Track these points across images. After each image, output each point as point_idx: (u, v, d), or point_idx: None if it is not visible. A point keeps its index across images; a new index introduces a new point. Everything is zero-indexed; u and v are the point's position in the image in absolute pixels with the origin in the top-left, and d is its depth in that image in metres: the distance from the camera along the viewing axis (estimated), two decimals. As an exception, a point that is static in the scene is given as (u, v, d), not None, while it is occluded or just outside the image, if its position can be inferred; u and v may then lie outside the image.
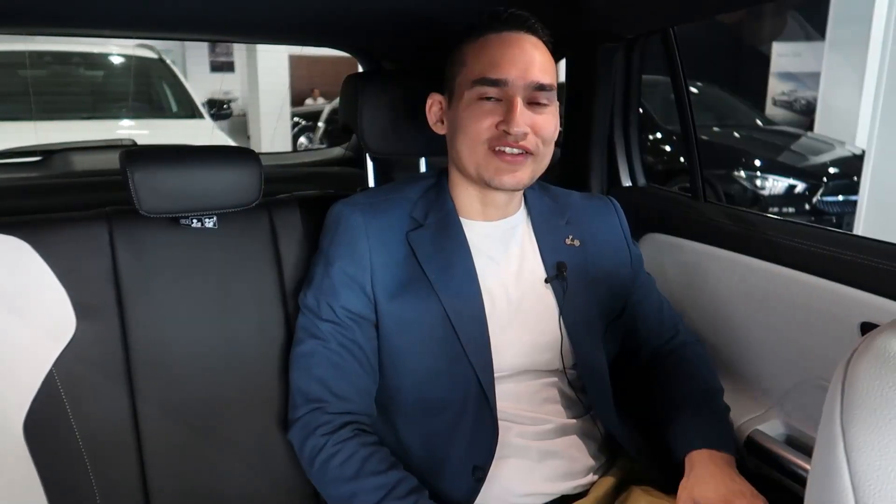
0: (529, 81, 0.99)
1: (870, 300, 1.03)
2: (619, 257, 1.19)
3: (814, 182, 5.16)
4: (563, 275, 1.08)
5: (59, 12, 1.23)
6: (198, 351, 1.13)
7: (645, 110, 5.62)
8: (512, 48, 1.00)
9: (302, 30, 1.60)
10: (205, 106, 4.56)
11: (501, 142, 0.99)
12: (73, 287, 1.05)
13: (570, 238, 1.13)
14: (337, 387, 1.03)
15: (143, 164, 1.06)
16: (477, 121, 1.00)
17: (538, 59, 1.01)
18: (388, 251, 1.05)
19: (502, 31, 1.02)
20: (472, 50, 1.03)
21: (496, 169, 1.01)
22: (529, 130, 1.00)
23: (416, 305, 1.03)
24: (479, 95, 1.00)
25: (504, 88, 0.99)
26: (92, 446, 1.06)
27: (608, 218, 1.21)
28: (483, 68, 1.00)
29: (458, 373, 1.02)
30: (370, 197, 1.11)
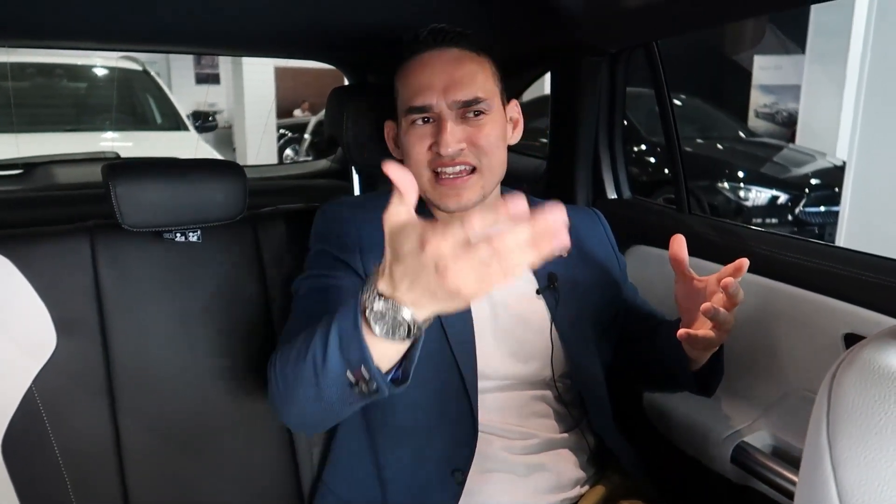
0: (452, 101, 1.00)
1: (853, 311, 1.04)
2: (607, 267, 1.19)
3: (796, 193, 5.22)
4: (555, 286, 1.08)
5: (43, 25, 1.22)
6: (180, 366, 1.11)
7: (629, 122, 5.67)
8: (430, 70, 1.01)
9: (288, 43, 1.60)
10: (189, 118, 4.54)
11: (437, 163, 1.00)
12: (54, 302, 1.04)
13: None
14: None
15: (126, 177, 1.05)
16: (414, 146, 1.02)
17: (458, 75, 1.00)
18: (375, 242, 0.98)
19: (423, 53, 1.02)
20: (400, 77, 1.05)
21: (441, 194, 1.02)
22: (465, 145, 1.00)
23: None
24: (412, 121, 1.02)
25: (431, 112, 1.00)
26: (72, 463, 1.04)
27: (594, 229, 1.22)
28: (409, 96, 1.02)
29: (442, 372, 1.01)
30: (356, 199, 1.14)
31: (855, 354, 0.51)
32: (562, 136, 1.62)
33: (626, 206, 1.59)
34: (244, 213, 1.14)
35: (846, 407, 0.47)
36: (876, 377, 0.47)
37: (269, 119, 8.76)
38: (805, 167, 5.57)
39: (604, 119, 1.57)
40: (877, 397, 0.46)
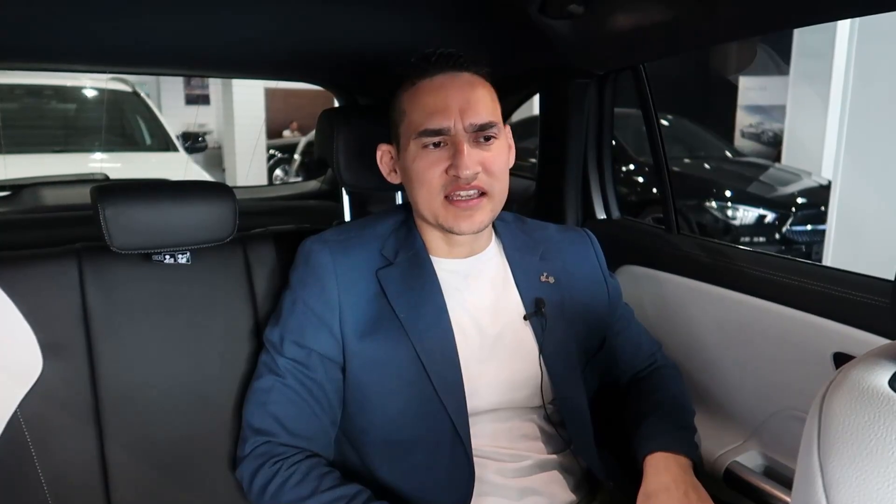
0: (469, 124, 0.99)
1: (842, 331, 1.05)
2: (595, 292, 1.18)
3: (783, 212, 5.26)
4: (542, 311, 1.07)
5: (32, 47, 1.22)
6: (169, 390, 1.10)
7: (618, 142, 5.71)
8: (446, 93, 1.00)
9: (278, 65, 1.61)
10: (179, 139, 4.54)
11: (454, 187, 0.99)
12: (40, 326, 1.03)
13: (545, 275, 1.12)
14: (291, 424, 1.01)
15: (115, 199, 1.04)
16: (427, 170, 1.00)
17: (474, 99, 1.00)
18: (357, 290, 1.03)
19: (435, 76, 1.02)
20: (409, 99, 1.03)
21: (454, 216, 1.01)
22: (480, 169, 1.00)
23: (386, 345, 1.02)
24: (423, 145, 1.00)
25: (447, 135, 0.99)
26: (57, 490, 1.02)
27: (584, 251, 1.21)
28: (422, 119, 1.00)
29: (430, 412, 1.00)
30: (340, 234, 1.10)
31: (844, 375, 0.51)
32: (551, 157, 1.63)
33: (616, 227, 1.60)
34: (234, 235, 1.13)
35: (837, 428, 0.47)
36: (866, 398, 0.47)
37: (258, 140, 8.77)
38: (791, 186, 5.63)
39: (592, 139, 1.59)
40: (867, 418, 0.46)
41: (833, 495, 0.44)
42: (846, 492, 0.44)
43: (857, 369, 0.51)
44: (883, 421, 0.45)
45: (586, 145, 1.58)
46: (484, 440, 1.03)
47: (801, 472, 0.48)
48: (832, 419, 0.47)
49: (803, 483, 0.47)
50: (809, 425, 0.49)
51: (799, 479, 0.48)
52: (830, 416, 0.48)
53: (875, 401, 0.47)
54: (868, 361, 0.52)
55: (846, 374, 0.51)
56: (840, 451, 0.45)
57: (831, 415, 0.48)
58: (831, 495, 0.44)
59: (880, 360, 0.52)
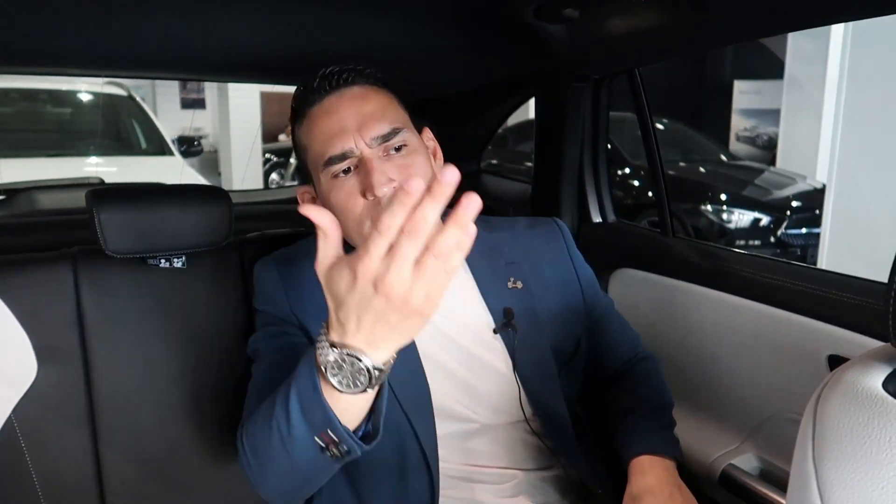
0: (372, 137, 0.92)
1: (836, 333, 1.05)
2: (568, 291, 1.12)
3: (778, 215, 5.28)
4: (512, 323, 1.01)
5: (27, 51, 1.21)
6: (163, 394, 1.10)
7: (613, 146, 5.72)
8: (337, 114, 0.93)
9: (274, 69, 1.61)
10: (175, 143, 4.54)
11: (378, 211, 0.90)
12: (35, 330, 1.02)
13: (512, 281, 1.06)
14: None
15: (110, 203, 1.04)
16: (346, 202, 0.92)
17: (369, 111, 0.93)
18: (312, 300, 0.97)
19: (322, 100, 0.95)
20: (305, 132, 0.97)
21: None
22: (397, 180, 0.90)
23: None
24: (333, 175, 0.93)
25: (353, 157, 0.92)
26: (51, 494, 1.02)
27: (554, 244, 1.14)
28: (322, 147, 0.93)
29: (394, 424, 0.95)
30: (290, 250, 1.06)
31: (839, 377, 0.51)
32: (546, 160, 1.64)
33: (611, 230, 1.60)
34: (230, 239, 1.13)
35: (831, 429, 0.47)
36: (860, 399, 0.48)
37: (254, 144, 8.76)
38: (786, 190, 5.65)
39: (588, 143, 1.59)
40: (861, 419, 0.46)
41: (828, 496, 0.45)
42: (841, 493, 0.44)
43: (851, 371, 0.51)
44: (877, 423, 0.45)
45: (582, 149, 1.59)
46: (468, 461, 1.00)
47: (795, 473, 0.48)
48: (827, 421, 0.48)
49: (798, 484, 0.47)
50: (804, 427, 0.49)
51: (794, 480, 0.48)
52: (825, 418, 0.48)
53: (869, 403, 0.47)
54: (862, 364, 0.52)
55: (840, 377, 0.51)
56: (834, 453, 0.46)
57: (826, 417, 0.48)
58: (826, 496, 0.45)
59: (874, 363, 0.52)
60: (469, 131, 1.99)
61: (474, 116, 1.91)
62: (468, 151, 2.05)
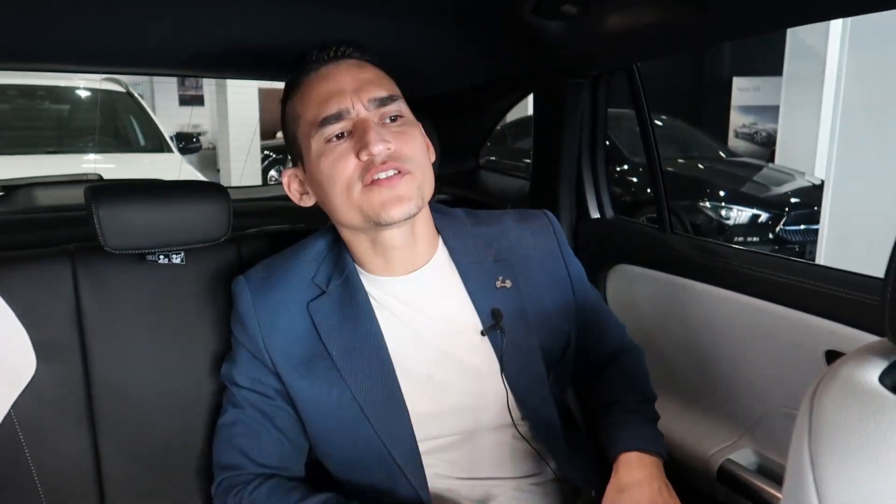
0: (369, 99, 0.90)
1: (834, 328, 1.05)
2: (558, 287, 1.08)
3: (776, 212, 5.28)
4: (500, 325, 0.98)
5: (25, 48, 1.21)
6: (163, 390, 1.10)
7: (612, 143, 5.73)
8: (335, 78, 0.92)
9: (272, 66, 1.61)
10: (173, 139, 4.53)
11: (372, 170, 0.87)
12: (34, 327, 1.02)
13: (501, 280, 1.02)
14: (255, 453, 0.98)
15: (109, 199, 1.04)
16: (337, 164, 0.89)
17: (366, 77, 0.92)
18: (284, 329, 0.98)
19: (320, 68, 0.94)
20: (298, 100, 0.95)
21: (380, 203, 0.88)
22: (393, 147, 0.89)
23: (321, 388, 0.96)
24: (326, 139, 0.90)
25: (348, 119, 0.90)
26: (51, 490, 1.02)
27: (544, 237, 1.10)
28: (316, 110, 0.91)
29: (375, 457, 0.96)
30: (267, 268, 1.03)
31: (835, 371, 0.51)
32: (545, 157, 1.64)
33: (609, 226, 1.60)
34: (228, 235, 1.13)
35: (827, 424, 0.47)
36: (856, 394, 0.48)
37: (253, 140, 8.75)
38: (785, 186, 5.65)
39: (586, 140, 1.59)
40: (857, 414, 0.46)
41: (824, 490, 0.45)
42: (837, 486, 0.44)
43: (848, 366, 0.51)
44: (873, 416, 0.45)
45: (580, 145, 1.59)
46: (455, 470, 1.00)
47: (792, 466, 0.48)
48: (823, 414, 0.48)
49: (794, 477, 0.47)
50: (800, 421, 0.49)
51: (790, 474, 0.49)
52: (821, 412, 0.48)
53: (865, 396, 0.47)
54: (858, 358, 0.52)
55: (837, 371, 0.51)
56: (831, 446, 0.46)
57: (822, 410, 0.48)
58: (822, 489, 0.45)
59: (870, 357, 0.52)
60: (468, 128, 1.99)
61: (473, 113, 1.91)
62: (467, 148, 2.06)
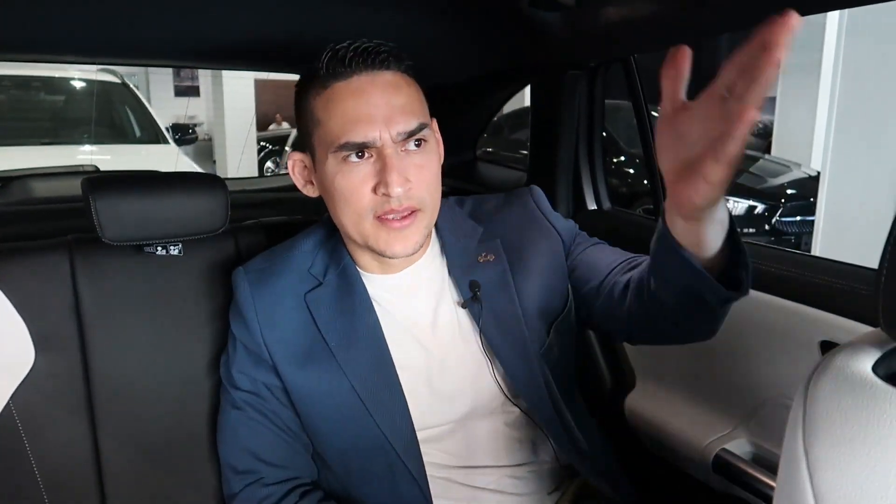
0: (396, 133, 0.87)
1: (828, 319, 1.06)
2: (548, 247, 1.06)
3: (772, 203, 5.30)
4: (477, 295, 0.98)
5: (21, 39, 1.21)
6: (161, 381, 1.10)
7: (609, 134, 5.72)
8: (367, 99, 0.87)
9: (267, 56, 1.60)
10: (169, 131, 4.52)
11: (385, 209, 0.88)
12: (32, 318, 1.03)
13: (484, 255, 1.02)
14: (267, 455, 0.98)
15: (106, 191, 1.04)
16: (353, 190, 0.89)
17: (399, 104, 0.88)
18: (282, 322, 0.98)
19: (350, 78, 0.88)
20: (323, 105, 0.89)
21: (386, 241, 0.90)
22: (412, 183, 0.89)
23: (320, 379, 0.96)
24: (344, 158, 0.88)
25: (372, 147, 0.88)
26: (50, 481, 1.03)
27: (525, 210, 1.09)
28: (341, 129, 0.87)
29: (376, 446, 0.96)
30: (266, 260, 1.03)
31: (829, 361, 0.52)
32: (542, 148, 1.64)
33: (606, 217, 1.61)
34: (225, 227, 1.13)
35: (821, 413, 0.48)
36: (850, 383, 0.48)
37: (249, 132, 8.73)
38: (781, 178, 5.66)
39: (583, 131, 1.59)
40: (851, 403, 0.47)
41: (817, 478, 0.45)
42: (830, 474, 0.45)
43: (842, 355, 0.52)
44: (866, 405, 0.46)
45: (577, 137, 1.59)
46: (451, 459, 1.01)
47: (786, 455, 0.49)
48: (817, 403, 0.49)
49: (788, 465, 0.48)
50: (795, 410, 0.50)
51: (784, 462, 0.49)
52: (815, 401, 0.49)
53: (858, 386, 0.48)
54: (852, 348, 0.53)
55: (831, 360, 0.52)
56: (824, 435, 0.46)
57: (816, 399, 0.49)
58: (815, 477, 0.46)
59: (864, 347, 0.53)
60: (465, 120, 1.99)
61: (470, 105, 1.91)
62: (464, 140, 2.06)
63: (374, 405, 0.95)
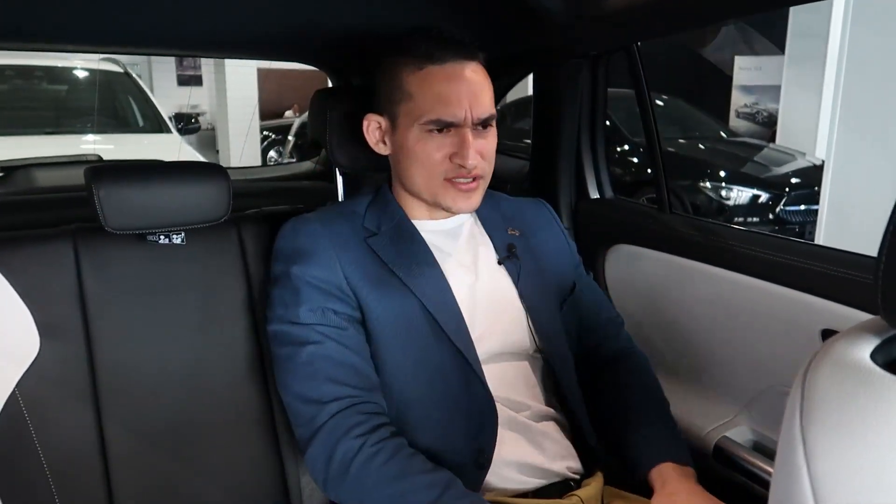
0: (477, 118, 1.03)
1: (830, 308, 1.06)
2: (559, 245, 1.24)
3: (776, 192, 5.28)
4: (515, 254, 1.13)
5: (23, 27, 1.21)
6: (165, 369, 1.11)
7: (613, 123, 5.71)
8: (458, 84, 1.02)
9: (271, 45, 1.60)
10: (172, 120, 4.51)
11: (457, 174, 1.05)
12: (37, 306, 1.03)
13: (510, 229, 1.18)
14: (357, 381, 0.99)
15: (109, 180, 1.05)
16: (431, 155, 1.04)
17: (481, 92, 1.04)
18: (353, 254, 1.06)
19: (445, 63, 1.03)
20: (416, 83, 1.04)
21: (453, 198, 1.06)
22: (483, 156, 1.05)
23: (392, 303, 1.04)
24: (429, 130, 1.04)
25: (455, 126, 1.03)
26: (56, 468, 1.04)
27: (543, 215, 1.26)
28: (434, 107, 1.02)
29: (446, 360, 1.03)
30: (321, 213, 1.12)
31: (828, 348, 0.52)
32: (545, 137, 1.64)
33: (608, 206, 1.61)
34: (228, 215, 1.14)
35: (819, 399, 0.48)
36: (848, 370, 0.49)
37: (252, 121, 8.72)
38: (785, 166, 5.64)
39: (586, 120, 1.59)
40: (848, 389, 0.47)
41: (814, 463, 0.46)
42: (826, 460, 0.45)
43: (841, 343, 0.52)
44: (863, 392, 0.46)
45: (580, 125, 1.59)
46: (493, 385, 1.04)
47: (783, 441, 0.49)
48: (815, 390, 0.49)
49: (786, 451, 0.48)
50: (793, 397, 0.50)
51: (782, 447, 0.49)
52: (813, 387, 0.49)
53: (857, 373, 0.48)
54: (851, 335, 0.53)
55: (830, 348, 0.52)
56: (821, 421, 0.47)
57: (814, 386, 0.49)
58: (812, 463, 0.46)
59: (863, 334, 0.53)
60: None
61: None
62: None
63: (445, 322, 1.04)
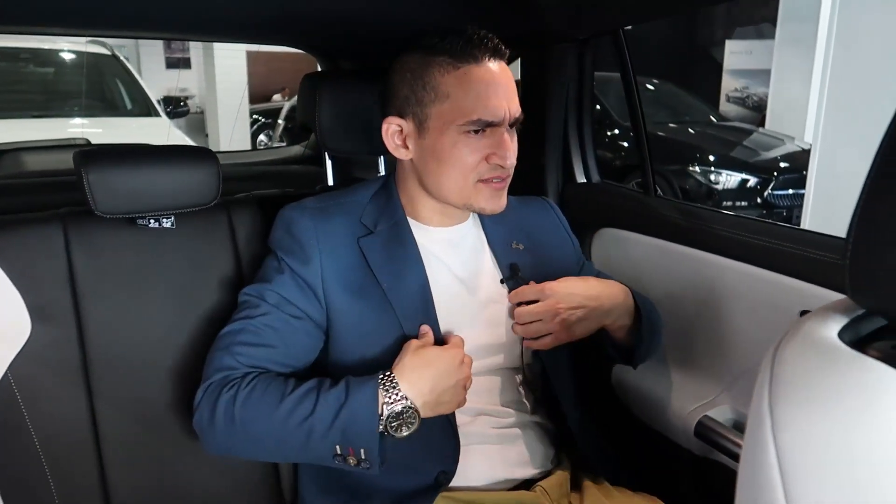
0: (513, 118, 1.02)
1: (809, 289, 1.08)
2: (563, 252, 1.23)
3: (765, 177, 5.31)
4: (518, 275, 1.10)
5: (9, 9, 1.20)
6: (156, 351, 1.12)
7: (602, 107, 5.70)
8: (497, 84, 1.00)
9: (260, 28, 1.60)
10: (160, 103, 4.48)
11: (493, 174, 1.02)
12: (28, 290, 1.04)
13: (515, 243, 1.15)
14: (256, 356, 0.97)
15: (98, 164, 1.05)
16: (468, 157, 1.01)
17: (513, 92, 1.02)
18: (339, 256, 1.04)
19: (482, 63, 0.99)
20: (455, 82, 0.99)
21: (486, 198, 1.04)
22: (514, 156, 1.04)
23: (369, 314, 1.02)
24: (465, 131, 1.00)
25: (494, 126, 1.01)
26: (49, 449, 1.05)
27: (546, 216, 1.25)
28: (475, 108, 0.98)
29: None
30: (320, 201, 1.10)
31: (798, 327, 0.54)
32: (531, 122, 1.64)
33: (595, 190, 1.62)
34: (218, 199, 1.14)
35: (787, 375, 0.50)
36: (815, 347, 0.51)
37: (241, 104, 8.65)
38: (774, 151, 5.66)
39: (573, 104, 1.60)
40: (815, 366, 0.49)
41: (780, 437, 0.48)
42: (792, 433, 0.47)
43: (810, 322, 0.54)
44: (829, 368, 0.48)
45: (567, 110, 1.60)
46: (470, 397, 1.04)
47: (752, 415, 0.51)
48: (783, 367, 0.51)
49: (754, 425, 0.50)
50: (763, 373, 0.52)
51: (751, 422, 0.51)
52: (782, 364, 0.51)
53: (823, 350, 0.50)
54: (821, 315, 0.55)
55: (799, 326, 0.54)
56: (788, 396, 0.49)
57: (783, 363, 0.51)
58: (778, 437, 0.48)
59: (832, 314, 0.55)
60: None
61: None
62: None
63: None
